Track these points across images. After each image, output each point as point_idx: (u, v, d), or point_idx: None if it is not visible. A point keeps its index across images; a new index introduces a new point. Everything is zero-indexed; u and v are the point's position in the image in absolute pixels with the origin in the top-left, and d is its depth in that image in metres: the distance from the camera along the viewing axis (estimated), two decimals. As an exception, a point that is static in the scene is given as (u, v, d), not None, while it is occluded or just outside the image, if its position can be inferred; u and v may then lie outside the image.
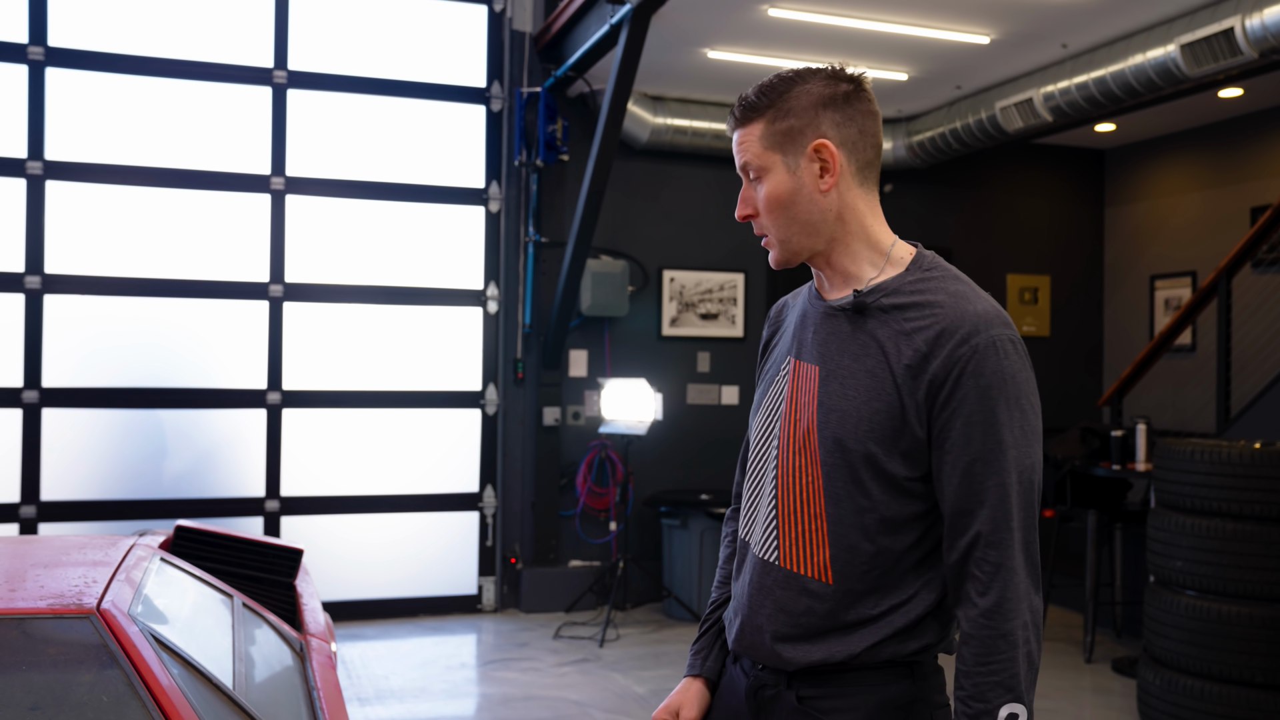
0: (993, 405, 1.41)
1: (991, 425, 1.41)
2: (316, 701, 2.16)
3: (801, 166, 1.50)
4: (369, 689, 4.99)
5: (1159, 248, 7.96)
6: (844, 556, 1.47)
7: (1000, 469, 1.41)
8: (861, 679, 1.48)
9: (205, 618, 2.19)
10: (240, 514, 6.13)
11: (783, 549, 1.52)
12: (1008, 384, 1.41)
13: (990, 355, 1.41)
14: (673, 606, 6.46)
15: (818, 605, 1.48)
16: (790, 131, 1.49)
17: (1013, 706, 1.38)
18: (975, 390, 1.41)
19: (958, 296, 1.46)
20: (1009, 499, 1.41)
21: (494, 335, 6.67)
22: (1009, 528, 1.41)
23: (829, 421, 1.48)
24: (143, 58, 5.98)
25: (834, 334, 1.53)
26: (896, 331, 1.47)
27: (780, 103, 1.50)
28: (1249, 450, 4.20)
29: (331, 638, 2.78)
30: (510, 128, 6.63)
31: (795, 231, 1.53)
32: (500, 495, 6.63)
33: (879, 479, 1.45)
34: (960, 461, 1.42)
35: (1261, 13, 4.68)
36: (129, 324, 5.99)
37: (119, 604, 1.85)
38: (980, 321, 1.43)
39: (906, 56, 6.03)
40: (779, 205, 1.51)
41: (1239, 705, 4.11)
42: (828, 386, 1.50)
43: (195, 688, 1.76)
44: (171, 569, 2.33)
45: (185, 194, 6.08)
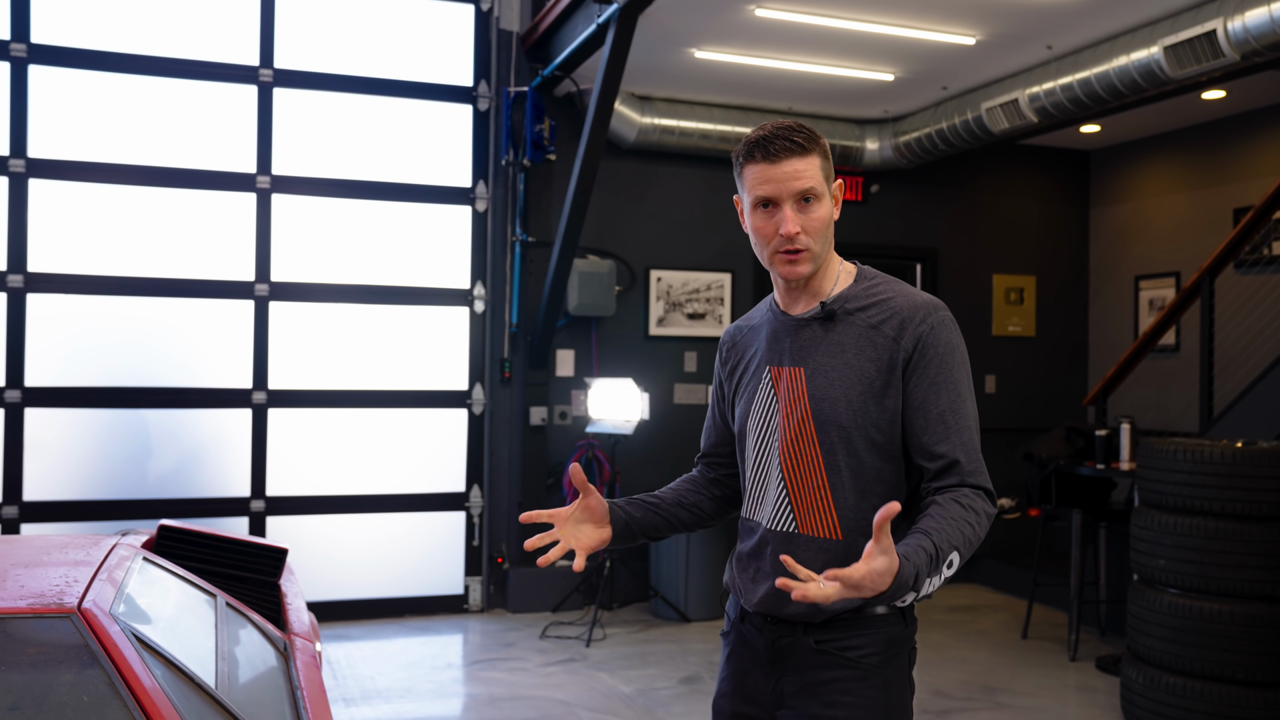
0: (950, 367, 1.82)
1: (951, 382, 1.82)
2: (300, 701, 2.16)
3: (832, 197, 1.90)
4: (355, 689, 4.98)
5: (1143, 248, 8.00)
6: (847, 514, 1.83)
7: (964, 413, 1.81)
8: (871, 621, 1.83)
9: (188, 617, 2.18)
10: (225, 514, 6.11)
11: (799, 519, 1.86)
12: (956, 351, 1.84)
13: (942, 330, 1.83)
14: (659, 606, 6.46)
15: (834, 559, 1.80)
16: (829, 170, 1.89)
17: (954, 555, 1.71)
18: (935, 357, 1.81)
19: (902, 294, 1.87)
20: (974, 437, 1.82)
21: (481, 335, 6.67)
22: (978, 456, 1.82)
23: (822, 409, 1.84)
24: (128, 55, 5.96)
25: (810, 340, 1.89)
26: (865, 327, 1.85)
27: (823, 143, 1.89)
28: (1231, 449, 4.23)
29: (316, 637, 2.78)
30: (497, 127, 6.63)
31: (825, 249, 1.89)
32: (487, 495, 6.62)
33: (869, 447, 1.82)
34: (933, 411, 1.80)
35: (1243, 15, 4.70)
36: (113, 323, 5.96)
37: (100, 603, 1.84)
38: (928, 306, 1.84)
39: (893, 57, 6.04)
40: (824, 226, 1.87)
41: (1221, 702, 4.14)
42: (815, 382, 1.86)
43: (177, 688, 1.75)
44: (154, 568, 2.32)
45: (170, 193, 6.05)
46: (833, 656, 1.83)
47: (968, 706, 4.82)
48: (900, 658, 1.89)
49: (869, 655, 1.85)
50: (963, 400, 1.82)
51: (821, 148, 1.87)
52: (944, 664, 5.50)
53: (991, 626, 6.33)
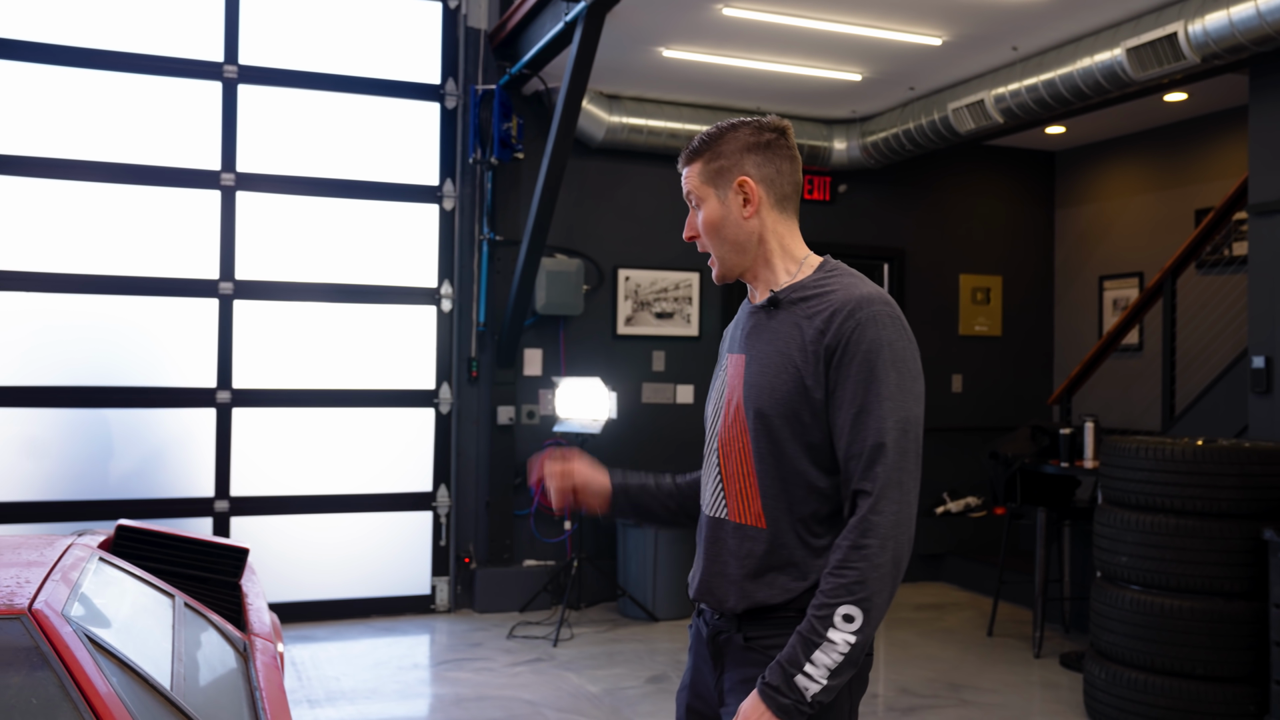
0: (873, 366, 1.71)
1: (871, 382, 1.71)
2: (259, 702, 2.13)
3: (729, 198, 1.88)
4: (320, 690, 4.94)
5: (1107, 249, 8.08)
6: (771, 504, 1.80)
7: (879, 416, 1.70)
8: (797, 620, 1.75)
9: (145, 618, 2.15)
10: (189, 514, 6.04)
11: (729, 506, 1.86)
12: (884, 348, 1.72)
13: (870, 325, 1.73)
14: (627, 606, 6.45)
15: (756, 547, 1.80)
16: (720, 170, 1.88)
17: (849, 608, 1.65)
18: (859, 354, 1.72)
19: (847, 286, 1.81)
20: (885, 443, 1.69)
21: (448, 334, 6.63)
22: (885, 466, 1.69)
23: (750, 396, 1.82)
24: (89, 50, 5.88)
25: (756, 327, 1.89)
26: (801, 317, 1.81)
27: (715, 147, 1.88)
28: (1192, 447, 4.28)
29: (278, 638, 2.75)
30: (465, 125, 6.60)
31: (727, 250, 1.90)
32: (454, 495, 6.59)
33: (794, 439, 1.77)
34: (850, 412, 1.72)
35: (1203, 18, 4.76)
36: (74, 321, 5.88)
37: (53, 604, 1.81)
38: (863, 299, 1.76)
39: (860, 57, 6.07)
40: (712, 228, 1.89)
41: (1180, 697, 4.18)
42: (750, 368, 1.85)
43: (131, 689, 1.72)
44: (111, 569, 2.28)
45: (133, 189, 5.98)
46: (760, 654, 1.79)
47: (933, 704, 4.85)
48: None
49: None
50: (881, 402, 1.71)
51: (709, 153, 1.87)
52: (910, 661, 5.52)
53: (957, 624, 6.37)
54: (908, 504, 1.71)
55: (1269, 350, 4.95)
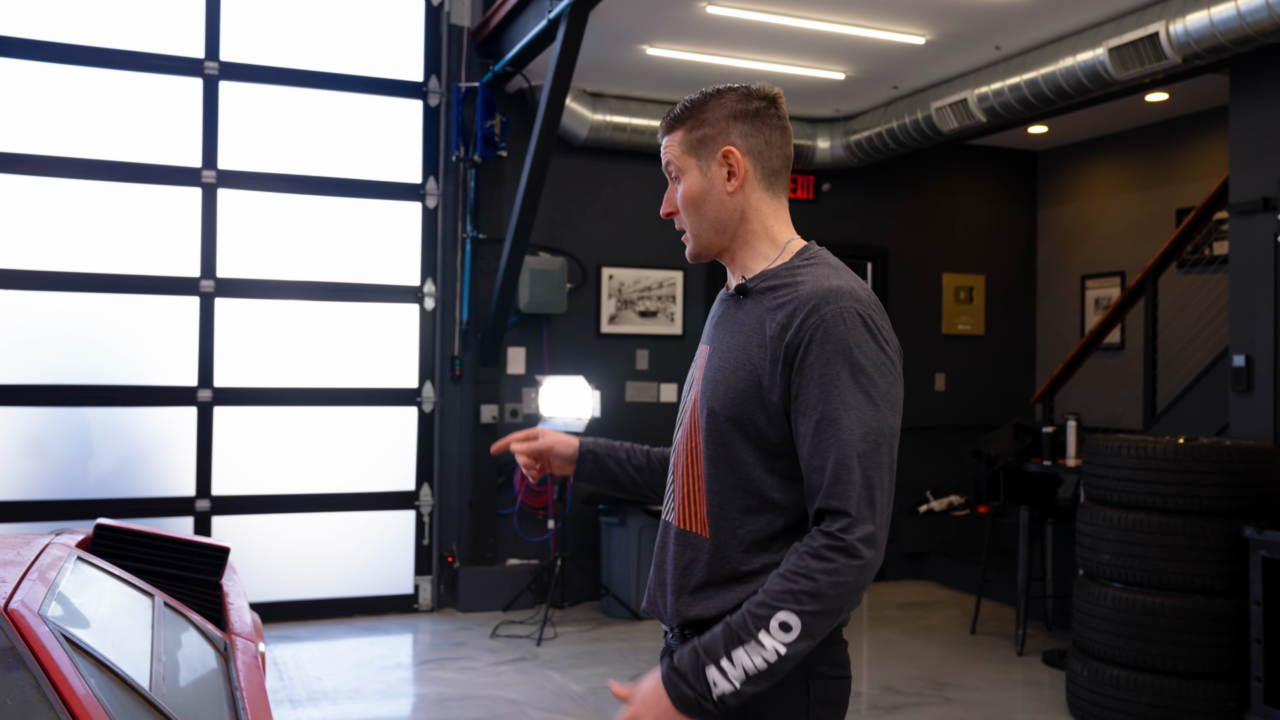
0: (838, 371, 1.54)
1: (835, 388, 1.53)
2: (239, 702, 2.11)
3: (712, 170, 1.70)
4: (301, 690, 4.91)
5: (1089, 248, 8.12)
6: (718, 513, 1.63)
7: (845, 428, 1.53)
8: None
9: (124, 618, 2.12)
10: (170, 514, 6.00)
11: (678, 510, 1.71)
12: (852, 350, 1.54)
13: (837, 324, 1.55)
14: (611, 605, 6.44)
15: (700, 557, 1.64)
16: (704, 139, 1.71)
17: (790, 616, 1.48)
18: (822, 355, 1.54)
19: (819, 278, 1.61)
20: (850, 457, 1.52)
21: (431, 332, 6.61)
22: (849, 479, 1.52)
23: (706, 392, 1.67)
24: (68, 45, 5.83)
25: (724, 317, 1.73)
26: (765, 309, 1.63)
27: (698, 114, 1.72)
28: (1173, 445, 4.30)
29: (259, 637, 2.73)
30: (448, 123, 6.57)
31: (705, 228, 1.72)
32: (437, 494, 6.56)
33: (746, 442, 1.61)
34: (811, 420, 1.55)
35: (1184, 18, 4.78)
36: (53, 318, 5.83)
37: (29, 604, 1.79)
38: (830, 295, 1.57)
39: (844, 56, 6.07)
40: (692, 202, 1.72)
41: (1163, 694, 4.20)
42: (711, 362, 1.69)
43: (109, 690, 1.70)
44: (89, 568, 2.26)
45: (112, 186, 5.93)
46: None
47: (917, 702, 4.86)
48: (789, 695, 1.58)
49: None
50: (846, 410, 1.53)
51: (692, 120, 1.71)
52: (893, 659, 5.53)
53: (940, 622, 6.39)
54: (879, 526, 1.53)
55: (1249, 349, 4.98)
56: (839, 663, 1.65)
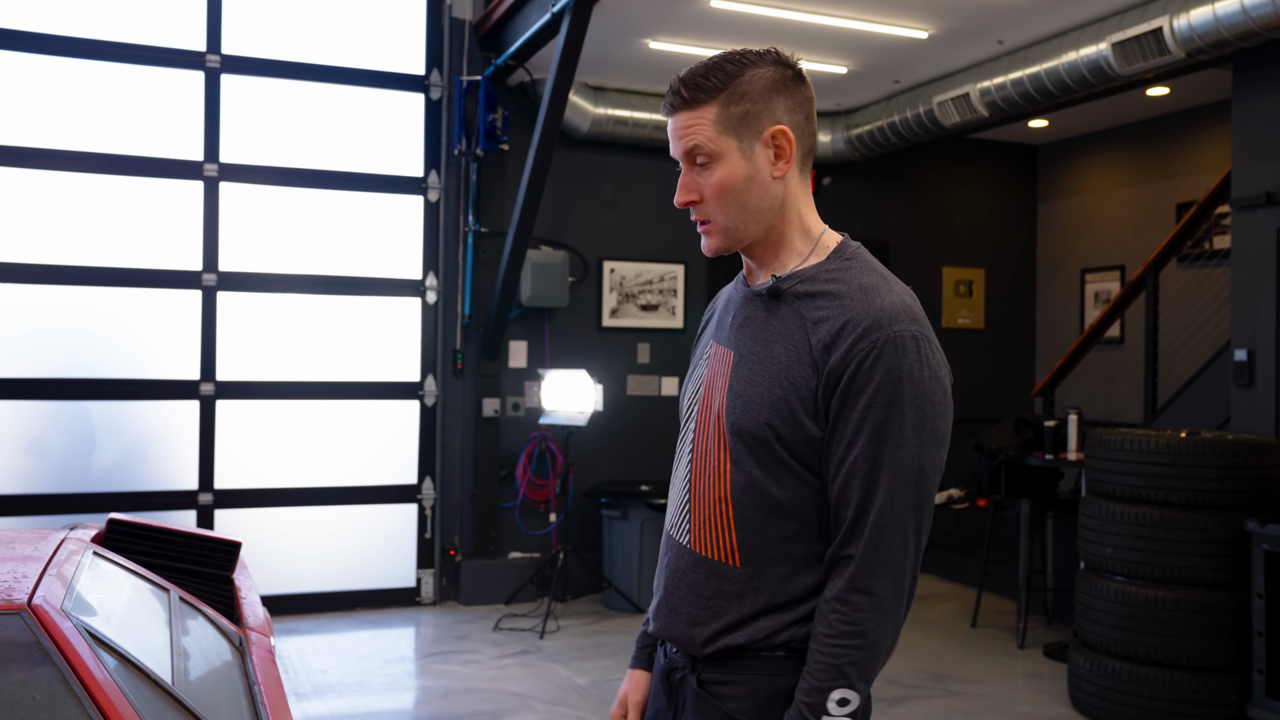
0: (887, 403, 1.39)
1: (882, 423, 1.39)
2: (257, 696, 2.12)
3: (757, 152, 1.47)
4: (306, 684, 4.93)
5: (1089, 242, 8.13)
6: (750, 540, 1.47)
7: (887, 468, 1.39)
8: (758, 665, 1.47)
9: (141, 612, 2.13)
10: (172, 507, 6.01)
11: (694, 533, 1.52)
12: (904, 382, 1.39)
13: (890, 352, 1.39)
14: (613, 598, 6.46)
15: (727, 588, 1.48)
16: (747, 116, 1.46)
17: (844, 692, 1.39)
18: (871, 386, 1.39)
19: (867, 290, 1.44)
20: (888, 497, 1.40)
21: (433, 326, 6.61)
22: (887, 528, 1.40)
23: (735, 407, 1.47)
24: (69, 38, 5.81)
25: (750, 319, 1.53)
26: (805, 320, 1.46)
27: (734, 86, 1.46)
28: (1175, 439, 4.32)
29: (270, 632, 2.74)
30: (450, 116, 6.57)
31: (745, 219, 1.50)
32: (439, 487, 6.57)
33: (780, 466, 1.45)
34: (848, 456, 1.41)
35: (1189, 14, 4.79)
36: (55, 312, 5.82)
37: (51, 599, 1.80)
38: (884, 316, 1.41)
39: (846, 50, 6.08)
40: (733, 191, 1.48)
41: (1165, 687, 4.23)
42: (738, 371, 1.50)
43: (132, 684, 1.71)
44: (105, 563, 2.27)
45: (114, 180, 5.92)
46: (711, 703, 1.49)
47: (919, 694, 4.88)
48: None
49: (747, 709, 1.47)
50: (888, 450, 1.39)
51: (728, 93, 1.46)
52: (895, 653, 5.54)
53: (941, 615, 6.41)
54: (910, 571, 1.42)
55: (1251, 343, 5.00)
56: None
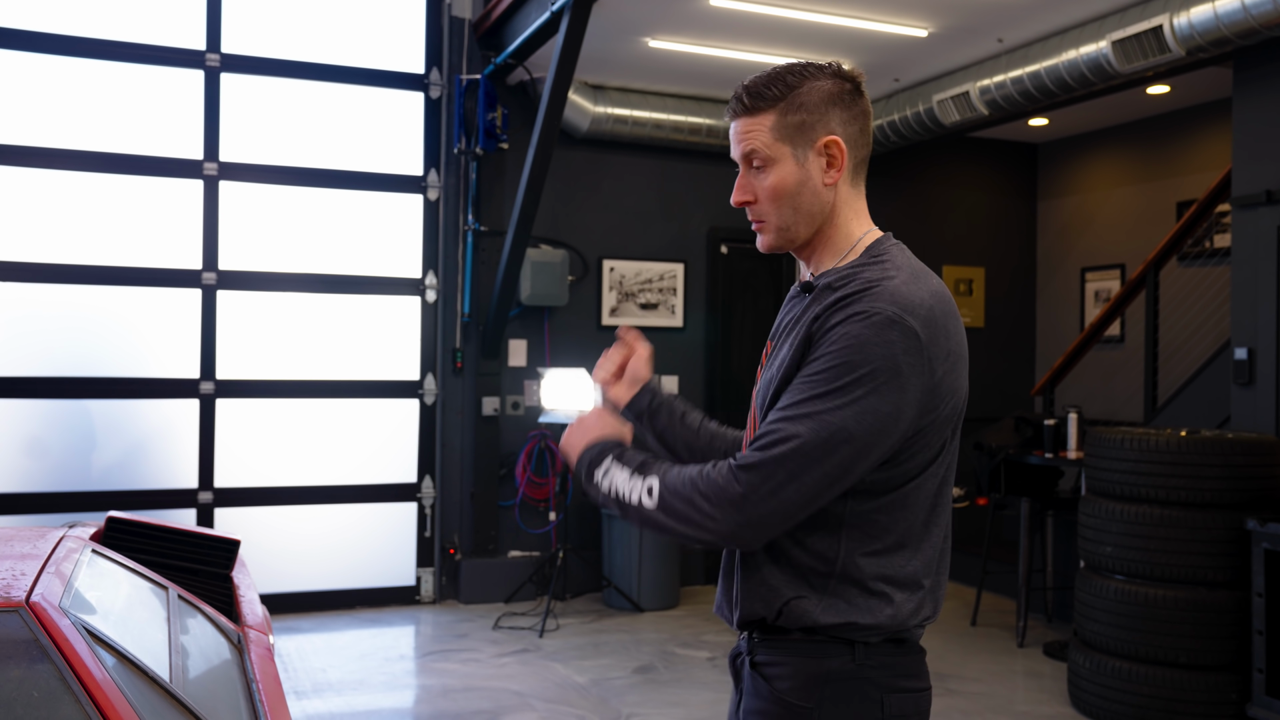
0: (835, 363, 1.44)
1: (819, 375, 1.44)
2: (256, 694, 2.12)
3: (810, 159, 1.57)
4: (306, 682, 4.93)
5: (1089, 241, 8.13)
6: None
7: (802, 414, 1.44)
8: (800, 646, 1.52)
9: (140, 610, 2.13)
10: (172, 506, 6.01)
11: None
12: (860, 350, 1.43)
13: (855, 321, 1.44)
14: (612, 596, 6.46)
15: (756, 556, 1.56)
16: (802, 126, 1.56)
17: (602, 467, 1.58)
18: (828, 345, 1.45)
19: (871, 280, 1.50)
20: (795, 438, 1.43)
21: (432, 324, 6.61)
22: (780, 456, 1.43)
23: (761, 392, 1.60)
24: (69, 37, 5.81)
25: (789, 315, 1.64)
26: (818, 309, 1.52)
27: (793, 96, 1.56)
28: (1175, 438, 4.31)
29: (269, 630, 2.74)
30: (449, 115, 6.56)
31: (796, 221, 1.59)
32: (439, 486, 6.57)
33: None
34: (786, 395, 1.48)
35: (1189, 11, 4.79)
36: (55, 310, 5.82)
37: (49, 597, 1.80)
38: (870, 294, 1.47)
39: (846, 48, 6.07)
40: (785, 195, 1.58)
41: (1164, 685, 4.23)
42: (771, 363, 1.62)
43: (131, 681, 1.71)
44: (104, 561, 2.26)
45: (114, 179, 5.92)
46: (765, 683, 1.55)
47: (919, 692, 4.87)
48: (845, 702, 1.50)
49: (792, 689, 1.52)
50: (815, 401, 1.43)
51: (786, 103, 1.56)
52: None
53: (941, 614, 6.39)
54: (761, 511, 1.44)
55: (1251, 342, 5.00)
56: (916, 674, 1.57)
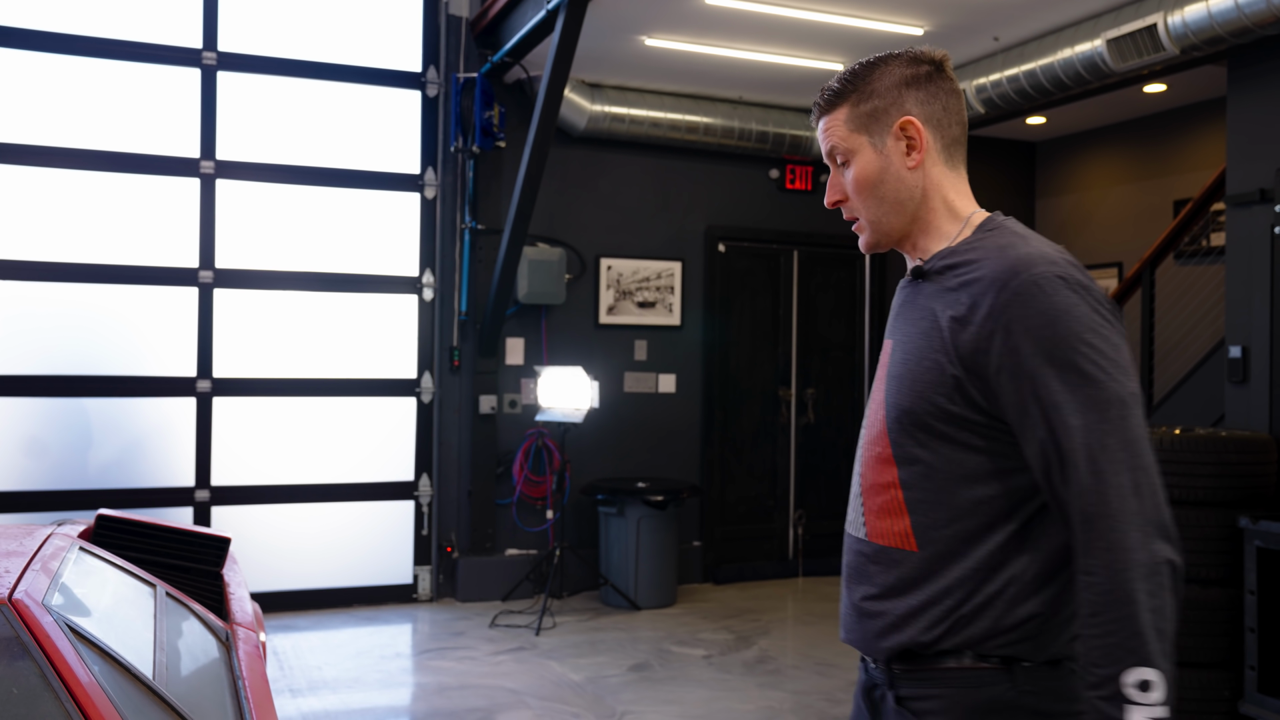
0: (1051, 346, 1.32)
1: (1057, 366, 1.32)
2: (242, 691, 2.13)
3: (888, 145, 1.53)
4: (302, 680, 4.94)
5: (1087, 239, 8.12)
6: (921, 521, 1.45)
7: (1073, 411, 1.31)
8: (953, 676, 1.41)
9: (126, 608, 2.14)
10: (169, 504, 6.02)
11: (869, 523, 1.51)
12: (1059, 321, 1.32)
13: (1035, 294, 1.34)
14: (609, 594, 6.47)
15: (906, 574, 1.45)
16: (875, 112, 1.53)
17: (1142, 671, 1.25)
18: (1030, 335, 1.33)
19: (1003, 247, 1.42)
20: (1093, 440, 1.30)
21: (430, 323, 6.61)
22: (1098, 472, 1.29)
23: (892, 389, 1.49)
24: (66, 35, 5.82)
25: (904, 305, 1.56)
26: (944, 289, 1.46)
27: (863, 86, 1.54)
28: (1170, 436, 4.31)
29: (260, 627, 2.74)
30: (446, 113, 6.57)
31: (885, 211, 1.55)
32: (436, 484, 6.58)
33: (941, 439, 1.43)
34: (1036, 412, 1.33)
35: (1183, 10, 4.79)
36: (52, 309, 5.83)
37: (33, 594, 1.80)
38: (1020, 264, 1.37)
39: (842, 47, 6.07)
40: (868, 185, 1.54)
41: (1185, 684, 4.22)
42: (894, 356, 1.52)
43: (113, 679, 1.72)
44: (91, 558, 2.27)
45: (111, 177, 5.93)
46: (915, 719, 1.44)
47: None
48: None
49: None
50: (1078, 391, 1.31)
51: (857, 93, 1.53)
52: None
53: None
54: (1146, 505, 1.29)
55: (1246, 340, 4.99)
56: (1073, 697, 1.38)
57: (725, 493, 7.35)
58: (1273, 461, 4.34)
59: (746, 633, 5.91)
